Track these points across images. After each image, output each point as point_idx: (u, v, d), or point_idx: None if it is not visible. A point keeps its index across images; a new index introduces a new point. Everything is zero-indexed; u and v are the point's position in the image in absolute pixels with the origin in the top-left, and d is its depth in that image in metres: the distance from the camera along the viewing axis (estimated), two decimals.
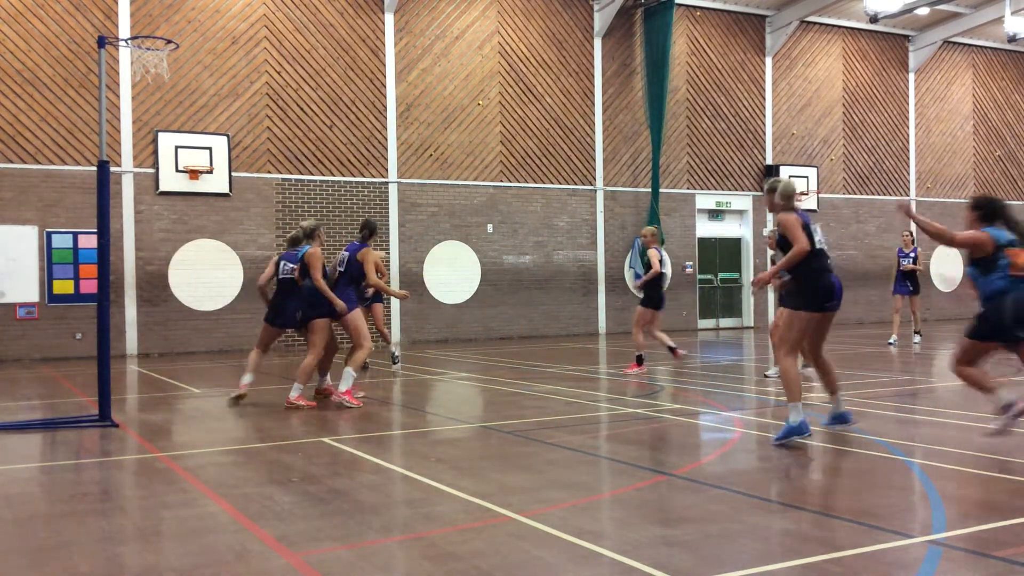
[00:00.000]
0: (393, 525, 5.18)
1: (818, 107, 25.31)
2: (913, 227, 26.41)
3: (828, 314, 7.44)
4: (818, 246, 7.33)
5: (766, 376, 11.92)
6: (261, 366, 11.05)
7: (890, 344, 16.92)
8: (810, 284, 7.30)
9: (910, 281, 17.00)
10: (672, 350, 13.09)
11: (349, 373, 9.84)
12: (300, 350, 18.75)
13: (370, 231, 10.17)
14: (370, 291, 12.26)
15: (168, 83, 17.64)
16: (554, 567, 4.31)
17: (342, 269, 10.07)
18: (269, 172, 18.92)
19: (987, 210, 7.20)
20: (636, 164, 22.74)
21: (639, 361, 12.79)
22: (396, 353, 14.45)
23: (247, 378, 10.21)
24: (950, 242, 7.28)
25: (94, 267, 15.37)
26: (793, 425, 7.07)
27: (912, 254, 16.93)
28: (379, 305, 13.78)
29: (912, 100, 26.76)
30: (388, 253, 19.83)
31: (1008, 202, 7.58)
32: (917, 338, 17.37)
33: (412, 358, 16.30)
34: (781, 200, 7.50)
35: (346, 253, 10.15)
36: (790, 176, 24.37)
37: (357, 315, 9.92)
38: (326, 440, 7.84)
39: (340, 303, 9.72)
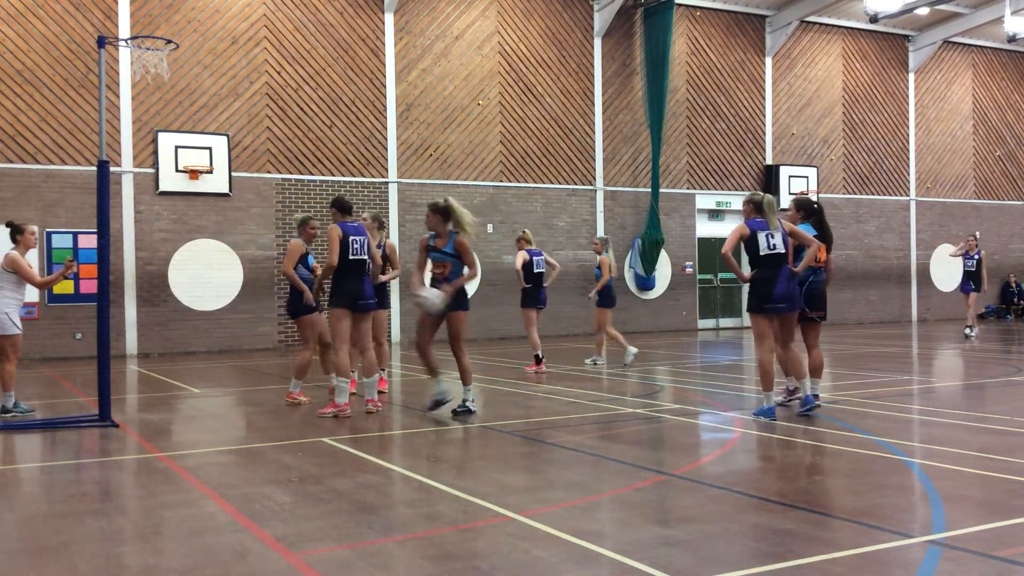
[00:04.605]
0: (393, 525, 5.17)
1: (818, 107, 25.30)
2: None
3: (782, 315, 8.45)
4: (763, 252, 8.31)
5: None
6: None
7: (972, 334, 18.27)
8: (752, 289, 8.49)
9: (973, 280, 18.44)
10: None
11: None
12: (293, 349, 18.75)
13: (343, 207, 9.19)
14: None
15: (168, 83, 17.63)
16: (554, 567, 4.30)
17: (365, 256, 9.04)
18: (269, 172, 18.91)
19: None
20: (636, 164, 22.73)
21: (537, 360, 13.19)
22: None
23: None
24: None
25: (94, 267, 15.34)
26: (764, 408, 8.45)
27: (976, 256, 18.40)
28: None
29: (912, 100, 26.75)
30: None
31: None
32: (974, 331, 18.41)
33: (412, 358, 16.29)
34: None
35: (359, 237, 8.98)
36: (789, 176, 24.42)
37: (332, 316, 9.02)
38: (326, 440, 7.83)
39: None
